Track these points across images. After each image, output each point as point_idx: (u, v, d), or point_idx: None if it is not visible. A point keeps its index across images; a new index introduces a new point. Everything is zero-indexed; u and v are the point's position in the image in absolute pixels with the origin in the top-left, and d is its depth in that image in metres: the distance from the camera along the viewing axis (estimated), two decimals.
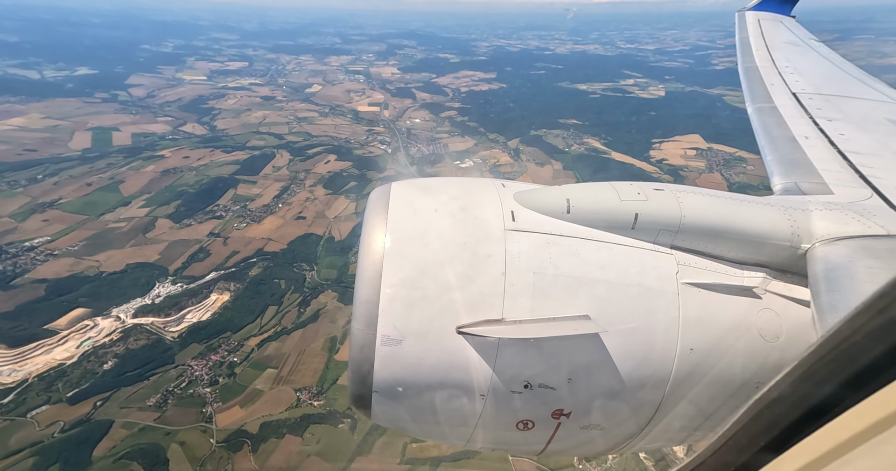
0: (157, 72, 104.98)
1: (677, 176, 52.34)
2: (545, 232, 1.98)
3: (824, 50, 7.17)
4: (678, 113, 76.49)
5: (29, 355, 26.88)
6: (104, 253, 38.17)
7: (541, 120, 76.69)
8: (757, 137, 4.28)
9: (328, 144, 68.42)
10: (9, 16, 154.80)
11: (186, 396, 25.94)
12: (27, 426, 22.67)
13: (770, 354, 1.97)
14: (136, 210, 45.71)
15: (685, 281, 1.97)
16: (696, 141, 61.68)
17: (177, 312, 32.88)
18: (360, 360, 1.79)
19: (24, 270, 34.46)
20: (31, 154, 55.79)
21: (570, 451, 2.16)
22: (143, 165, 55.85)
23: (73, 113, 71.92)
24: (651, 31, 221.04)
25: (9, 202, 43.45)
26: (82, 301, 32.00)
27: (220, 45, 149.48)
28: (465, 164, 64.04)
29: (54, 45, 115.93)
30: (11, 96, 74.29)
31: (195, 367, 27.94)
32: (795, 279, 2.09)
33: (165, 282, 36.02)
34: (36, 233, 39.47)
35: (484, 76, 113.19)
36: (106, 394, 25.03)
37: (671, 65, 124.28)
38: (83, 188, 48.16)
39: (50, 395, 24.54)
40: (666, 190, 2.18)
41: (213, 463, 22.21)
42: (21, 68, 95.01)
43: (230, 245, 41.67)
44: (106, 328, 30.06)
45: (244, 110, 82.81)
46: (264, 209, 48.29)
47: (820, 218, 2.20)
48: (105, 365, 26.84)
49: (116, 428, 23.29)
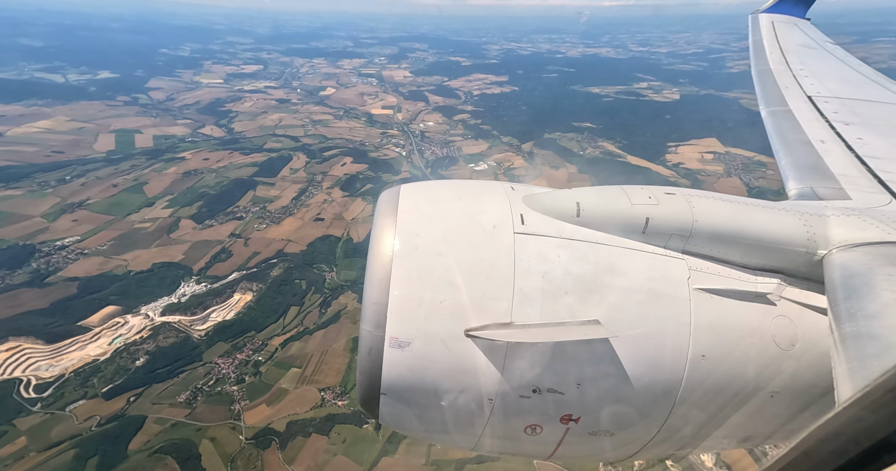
0: (176, 75, 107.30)
1: (694, 180, 51.97)
2: (555, 235, 1.96)
3: (840, 53, 7.07)
4: (694, 116, 75.87)
5: (64, 351, 27.75)
6: (131, 252, 39.17)
7: (554, 123, 76.70)
8: (771, 141, 4.21)
9: (343, 146, 69.26)
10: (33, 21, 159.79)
11: (215, 393, 26.51)
12: (66, 420, 23.43)
13: (785, 362, 1.93)
14: (160, 211, 46.80)
15: (697, 286, 1.94)
16: (713, 145, 61.16)
17: (202, 310, 33.60)
18: (368, 362, 1.78)
19: (57, 269, 35.54)
20: (59, 156, 57.46)
21: (578, 456, 2.13)
22: (166, 167, 57.16)
23: (97, 116, 73.87)
24: (663, 33, 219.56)
25: (40, 202, 44.86)
26: (112, 299, 32.90)
27: (235, 48, 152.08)
28: (480, 167, 64.32)
29: (77, 50, 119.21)
30: (38, 99, 76.60)
31: (222, 365, 28.53)
32: (811, 286, 2.05)
33: (190, 281, 36.83)
34: (66, 232, 40.67)
35: (496, 79, 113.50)
36: (138, 390, 25.72)
37: (685, 68, 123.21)
38: (109, 189, 49.48)
39: (86, 390, 25.31)
40: (677, 194, 2.15)
41: (243, 460, 22.67)
42: (46, 72, 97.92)
43: (251, 246, 42.44)
44: (136, 326, 30.87)
45: (260, 113, 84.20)
46: (283, 211, 49.07)
47: (837, 223, 2.15)
48: (137, 362, 27.59)
49: (149, 423, 23.92)
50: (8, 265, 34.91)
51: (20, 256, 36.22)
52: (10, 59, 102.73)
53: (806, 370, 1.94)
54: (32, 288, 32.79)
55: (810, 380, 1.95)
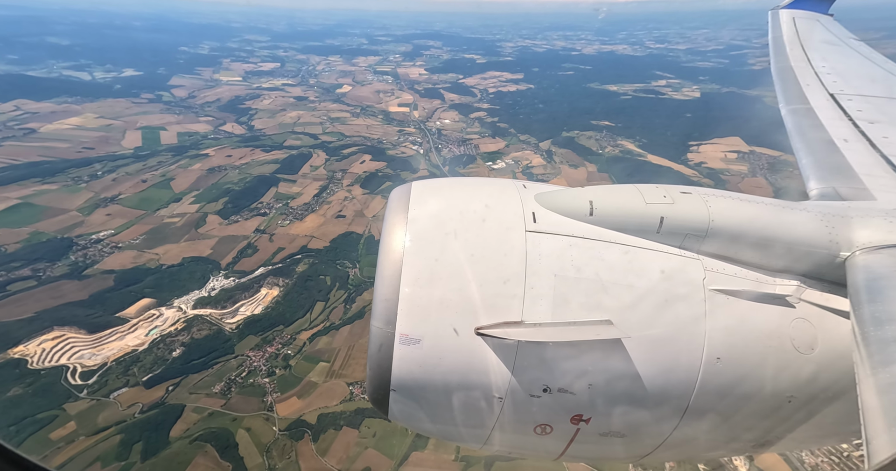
0: (196, 73, 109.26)
1: (718, 180, 51.12)
2: (567, 234, 1.94)
3: (865, 49, 6.80)
4: (715, 115, 74.40)
5: (105, 341, 28.89)
6: (162, 247, 40.34)
7: (572, 121, 76.08)
8: (791, 140, 4.10)
9: (361, 144, 69.87)
10: (59, 20, 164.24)
11: (247, 385, 27.29)
12: (111, 406, 24.47)
13: (804, 366, 1.88)
14: (188, 206, 48.00)
15: (712, 287, 1.90)
16: (737, 144, 59.97)
17: (231, 304, 34.49)
18: (378, 358, 1.79)
19: (94, 262, 36.86)
20: (89, 152, 59.26)
21: (588, 457, 2.15)
22: (191, 164, 58.50)
23: (124, 113, 75.84)
24: (681, 30, 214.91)
25: (75, 197, 46.44)
26: (147, 292, 34.01)
27: (253, 46, 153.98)
28: (498, 165, 64.25)
29: (102, 48, 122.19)
30: (68, 97, 78.95)
31: (253, 358, 29.33)
32: (832, 288, 2.00)
33: (219, 276, 37.79)
34: (101, 226, 42.07)
35: (511, 77, 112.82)
36: (176, 380, 26.65)
37: (705, 65, 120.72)
38: (139, 185, 50.92)
39: (128, 378, 26.35)
40: (693, 193, 2.11)
41: (278, 450, 23.37)
42: (74, 70, 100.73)
43: (276, 242, 43.29)
44: (170, 318, 31.89)
45: (279, 110, 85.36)
46: (305, 207, 49.87)
47: (861, 225, 2.08)
48: (174, 353, 28.56)
49: (188, 412, 24.80)
50: (48, 258, 36.35)
51: (59, 249, 37.65)
52: (40, 58, 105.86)
53: (826, 375, 1.89)
54: (72, 280, 34.11)
55: (830, 385, 1.90)
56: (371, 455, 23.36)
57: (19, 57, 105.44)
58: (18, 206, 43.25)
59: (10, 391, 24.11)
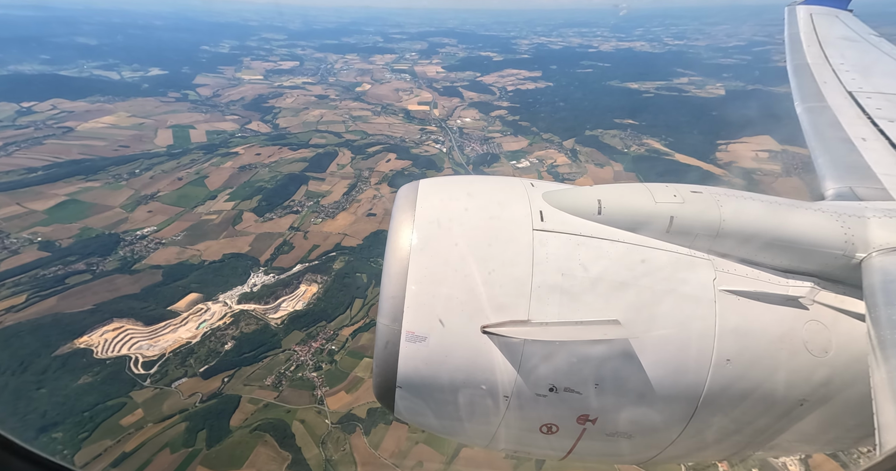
0: (219, 72, 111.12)
1: (750, 180, 50.47)
2: (575, 233, 1.92)
3: (886, 46, 6.62)
4: (742, 113, 73.11)
5: (160, 333, 30.09)
6: (203, 243, 41.58)
7: (595, 120, 75.60)
8: (807, 139, 4.02)
9: (385, 142, 70.55)
10: (85, 20, 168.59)
11: (297, 379, 28.19)
12: (174, 395, 25.59)
13: (817, 369, 1.85)
14: (223, 204, 49.26)
15: (723, 288, 1.88)
16: (767, 143, 59.02)
17: (273, 300, 35.48)
18: (384, 355, 1.78)
19: (141, 257, 38.24)
20: (125, 150, 61.05)
21: (594, 458, 2.10)
22: (222, 162, 59.86)
23: (154, 111, 77.75)
24: (699, 26, 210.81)
25: (117, 194, 48.08)
26: (193, 287, 35.19)
27: (271, 44, 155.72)
28: (522, 164, 64.32)
29: (128, 48, 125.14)
30: (101, 96, 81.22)
31: (300, 352, 30.23)
32: (847, 290, 1.96)
33: (259, 272, 38.85)
34: (144, 223, 43.53)
35: (529, 75, 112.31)
36: (230, 372, 27.67)
37: (727, 62, 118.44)
38: (175, 182, 52.38)
39: (185, 369, 27.47)
40: (704, 193, 2.08)
41: (332, 442, 24.19)
42: (103, 69, 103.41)
43: (310, 239, 44.24)
44: (217, 312, 32.99)
45: (302, 109, 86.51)
46: (336, 206, 50.75)
47: (879, 226, 2.04)
48: (225, 346, 29.63)
49: (244, 403, 25.78)
50: (99, 253, 37.83)
51: (108, 245, 39.13)
52: (71, 58, 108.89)
53: (840, 378, 1.87)
54: (124, 274, 35.47)
55: (844, 389, 1.87)
56: (422, 450, 23.99)
57: (51, 57, 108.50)
58: (67, 202, 44.95)
59: (81, 379, 25.37)
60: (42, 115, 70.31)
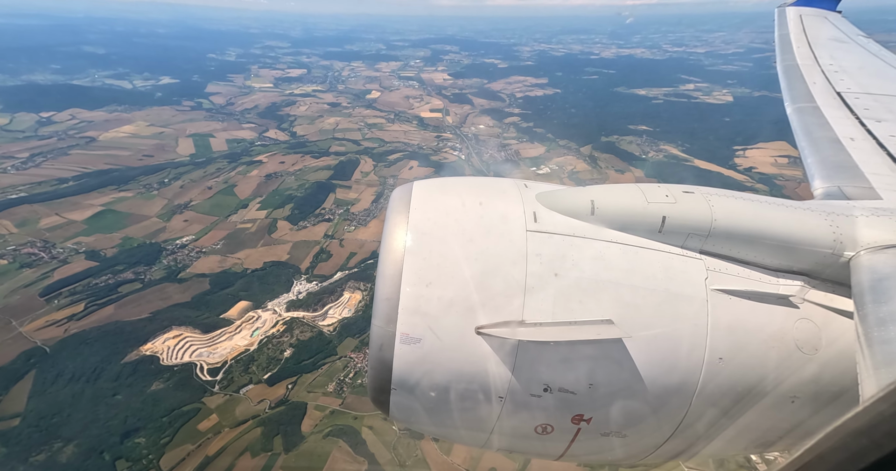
0: (229, 80, 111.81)
1: (773, 186, 51.86)
2: (568, 234, 1.94)
3: (874, 47, 6.71)
4: (754, 119, 75.05)
5: (217, 340, 30.45)
6: (242, 252, 41.98)
7: (609, 126, 77.12)
8: (797, 139, 4.05)
9: (403, 150, 71.42)
10: (90, 29, 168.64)
11: (357, 385, 28.62)
12: (244, 402, 25.98)
13: (807, 366, 1.89)
14: (256, 212, 49.69)
15: (715, 287, 1.91)
16: (785, 148, 60.57)
17: (320, 307, 35.91)
18: (379, 357, 1.78)
19: (185, 265, 38.57)
20: (150, 159, 61.36)
21: (589, 457, 2.12)
22: (248, 170, 60.33)
23: (171, 120, 78.11)
24: (696, 33, 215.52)
25: (151, 203, 48.38)
26: (242, 295, 35.56)
27: (276, 52, 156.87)
28: (542, 170, 65.35)
29: (137, 57, 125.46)
30: (118, 105, 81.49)
31: (356, 359, 30.68)
32: (837, 289, 2.01)
33: (301, 280, 39.28)
34: (181, 232, 43.86)
35: (535, 81, 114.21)
36: (293, 379, 28.08)
37: (729, 68, 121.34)
38: (206, 191, 52.75)
39: (249, 376, 27.86)
40: (696, 193, 2.11)
41: (403, 447, 24.63)
42: (114, 79, 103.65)
43: (346, 247, 44.78)
44: (268, 320, 33.38)
45: (317, 117, 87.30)
46: (366, 213, 51.36)
47: (866, 224, 2.07)
48: (284, 353, 30.02)
49: (311, 409, 26.19)
50: (145, 261, 38.13)
51: (152, 254, 39.43)
52: (81, 67, 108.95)
53: (830, 376, 1.92)
54: (172, 283, 35.79)
55: (834, 386, 1.92)
56: (494, 456, 24.41)
57: (61, 66, 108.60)
58: (104, 212, 45.19)
59: (153, 385, 25.65)
60: (63, 125, 70.46)
